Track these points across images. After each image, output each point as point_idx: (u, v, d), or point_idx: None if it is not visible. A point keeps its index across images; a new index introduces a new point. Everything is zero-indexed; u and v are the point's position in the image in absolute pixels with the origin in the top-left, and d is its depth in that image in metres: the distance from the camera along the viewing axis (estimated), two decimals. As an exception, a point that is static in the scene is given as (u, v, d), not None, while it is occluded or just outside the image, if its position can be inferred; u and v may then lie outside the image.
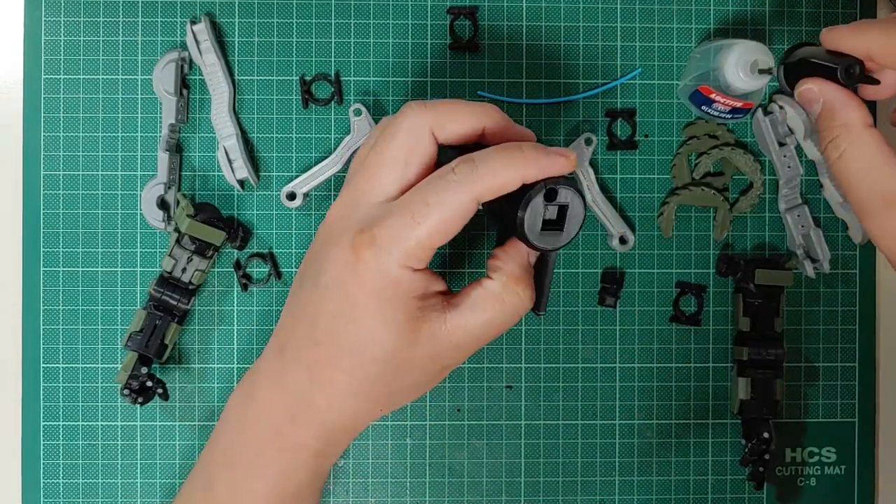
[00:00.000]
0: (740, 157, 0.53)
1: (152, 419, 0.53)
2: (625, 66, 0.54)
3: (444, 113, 0.39)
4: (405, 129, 0.38)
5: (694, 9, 0.54)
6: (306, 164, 0.53)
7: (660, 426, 0.54)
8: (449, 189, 0.36)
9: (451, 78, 0.54)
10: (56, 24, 0.53)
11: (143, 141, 0.53)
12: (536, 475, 0.54)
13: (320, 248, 0.40)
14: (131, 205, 0.53)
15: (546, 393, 0.54)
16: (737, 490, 0.55)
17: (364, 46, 0.54)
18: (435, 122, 0.38)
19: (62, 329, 0.53)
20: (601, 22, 0.54)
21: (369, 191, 0.39)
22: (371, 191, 0.39)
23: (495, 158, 0.37)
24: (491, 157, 0.37)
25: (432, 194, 0.36)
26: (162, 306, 0.51)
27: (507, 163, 0.36)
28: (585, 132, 0.53)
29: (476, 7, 0.54)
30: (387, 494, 0.54)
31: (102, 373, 0.53)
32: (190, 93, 0.53)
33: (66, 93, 0.53)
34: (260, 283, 0.53)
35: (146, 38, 0.53)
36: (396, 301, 0.37)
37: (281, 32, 0.54)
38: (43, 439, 0.53)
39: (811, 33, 0.55)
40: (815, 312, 0.55)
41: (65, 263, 0.53)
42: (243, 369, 0.53)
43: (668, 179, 0.54)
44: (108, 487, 0.53)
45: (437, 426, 0.54)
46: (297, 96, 0.54)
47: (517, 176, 0.37)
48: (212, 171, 0.53)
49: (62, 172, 0.53)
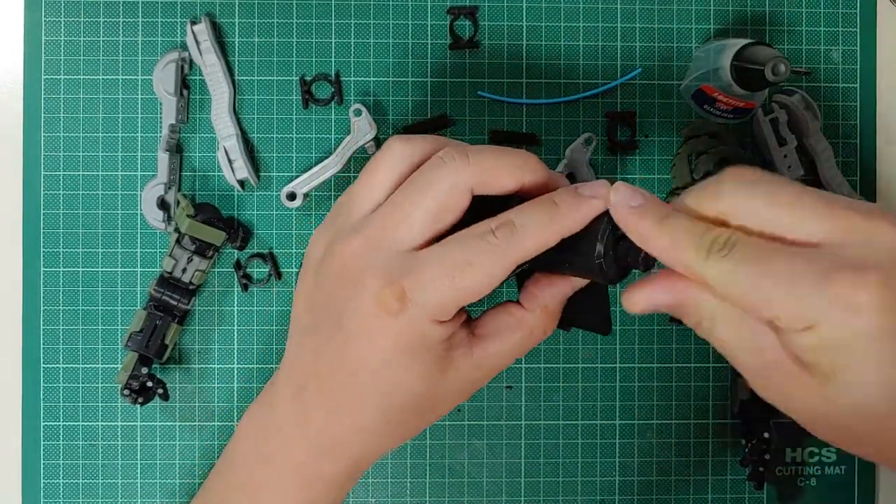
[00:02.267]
0: (740, 157, 0.53)
1: (152, 419, 0.53)
2: (625, 66, 0.54)
3: (487, 173, 0.36)
4: (443, 188, 0.36)
5: (694, 9, 0.54)
6: (306, 165, 0.53)
7: (660, 426, 0.54)
8: (491, 253, 0.34)
9: (451, 78, 0.54)
10: (56, 24, 0.53)
11: (143, 141, 0.53)
12: (537, 475, 0.54)
13: (335, 287, 0.38)
14: (131, 205, 0.53)
15: (546, 393, 0.54)
16: (737, 490, 0.55)
17: (364, 46, 0.54)
18: (476, 182, 0.36)
19: (62, 329, 0.53)
20: (601, 22, 0.54)
21: (396, 237, 0.36)
22: (397, 237, 0.36)
23: (535, 221, 0.35)
24: (530, 219, 0.35)
25: (473, 255, 0.35)
26: (162, 306, 0.51)
27: (547, 224, 0.35)
28: (585, 132, 0.53)
29: (476, 7, 0.54)
30: (387, 494, 0.54)
31: (102, 373, 0.53)
32: (190, 93, 0.53)
33: (66, 93, 0.53)
34: (260, 283, 0.53)
35: (146, 38, 0.53)
36: (423, 352, 0.36)
37: (281, 33, 0.54)
38: (43, 439, 0.53)
39: (811, 33, 0.55)
40: (815, 312, 0.55)
41: (65, 263, 0.53)
42: (243, 369, 0.53)
43: (668, 179, 0.54)
44: (108, 488, 0.53)
45: (437, 426, 0.54)
46: (298, 96, 0.54)
47: (556, 235, 0.35)
48: (212, 172, 0.53)
49: (62, 173, 0.53)
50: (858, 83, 0.55)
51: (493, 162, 0.36)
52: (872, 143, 0.55)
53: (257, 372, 0.54)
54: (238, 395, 0.54)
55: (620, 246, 0.35)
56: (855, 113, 0.55)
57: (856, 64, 0.55)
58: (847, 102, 0.55)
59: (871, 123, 0.55)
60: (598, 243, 0.35)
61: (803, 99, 0.53)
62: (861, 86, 0.55)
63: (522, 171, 0.37)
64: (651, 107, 0.54)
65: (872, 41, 0.55)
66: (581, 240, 0.35)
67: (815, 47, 0.55)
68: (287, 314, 0.53)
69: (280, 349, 0.54)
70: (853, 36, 0.55)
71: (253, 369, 0.54)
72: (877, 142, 0.55)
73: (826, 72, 0.55)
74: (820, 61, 0.55)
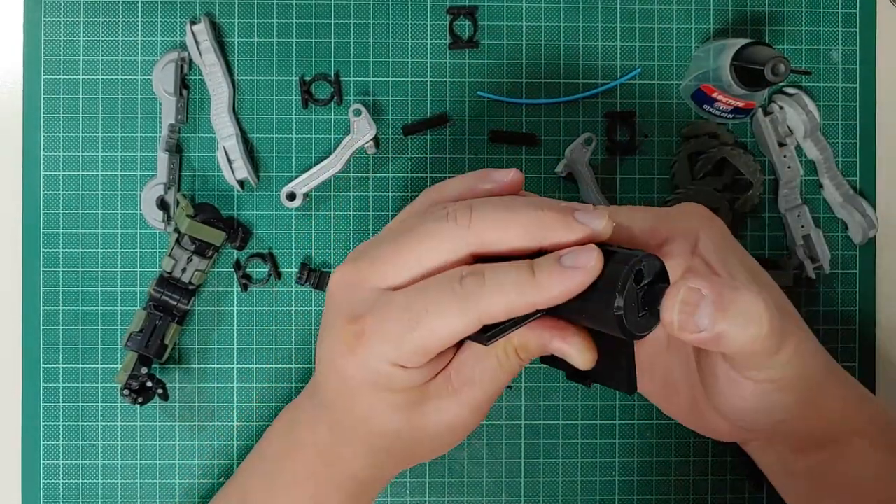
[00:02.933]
0: (740, 157, 0.53)
1: (152, 419, 0.53)
2: (624, 66, 0.54)
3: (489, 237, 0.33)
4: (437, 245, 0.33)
5: (694, 9, 0.54)
6: (306, 165, 0.53)
7: (660, 426, 0.54)
8: (451, 304, 0.32)
9: (451, 78, 0.54)
10: (56, 24, 0.53)
11: (142, 141, 0.53)
12: (536, 475, 0.54)
13: (326, 312, 0.37)
14: (131, 205, 0.53)
15: (546, 393, 0.54)
16: (737, 490, 0.55)
17: (364, 46, 0.54)
18: (477, 243, 0.33)
19: (62, 329, 0.53)
20: (601, 22, 0.54)
21: (375, 274, 0.34)
22: (378, 275, 0.34)
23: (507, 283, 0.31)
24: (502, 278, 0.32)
25: (432, 302, 0.32)
26: (162, 306, 0.51)
27: (518, 291, 0.31)
28: (585, 132, 0.53)
29: (476, 7, 0.54)
30: (387, 494, 0.54)
31: (102, 373, 0.53)
32: (190, 93, 0.53)
33: (65, 93, 0.53)
34: (260, 283, 0.53)
35: (146, 38, 0.53)
36: (393, 391, 0.35)
37: (281, 32, 0.54)
38: (43, 439, 0.53)
39: (811, 33, 0.55)
40: (815, 312, 0.55)
41: (65, 264, 0.53)
42: (242, 369, 0.53)
43: (668, 179, 0.54)
44: (108, 488, 0.53)
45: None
46: (297, 96, 0.54)
47: (527, 306, 0.31)
48: (212, 172, 0.53)
49: (62, 173, 0.53)
50: (858, 83, 0.55)
51: (502, 225, 0.33)
52: (872, 143, 0.55)
53: (257, 372, 0.54)
54: (237, 395, 0.54)
55: (648, 293, 0.31)
56: (855, 113, 0.55)
57: (856, 64, 0.55)
58: (847, 102, 0.55)
59: (871, 123, 0.55)
60: (617, 295, 0.30)
61: (803, 99, 0.53)
62: (861, 86, 0.55)
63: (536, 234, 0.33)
64: (650, 107, 0.54)
65: (872, 41, 0.55)
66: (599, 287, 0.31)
67: (815, 47, 0.55)
68: (286, 314, 0.54)
69: (280, 349, 0.54)
70: (853, 36, 0.55)
71: (252, 369, 0.54)
72: (877, 142, 0.55)
73: (826, 72, 0.55)
74: (820, 61, 0.55)
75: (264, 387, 0.54)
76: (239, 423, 0.54)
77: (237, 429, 0.54)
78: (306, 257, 0.54)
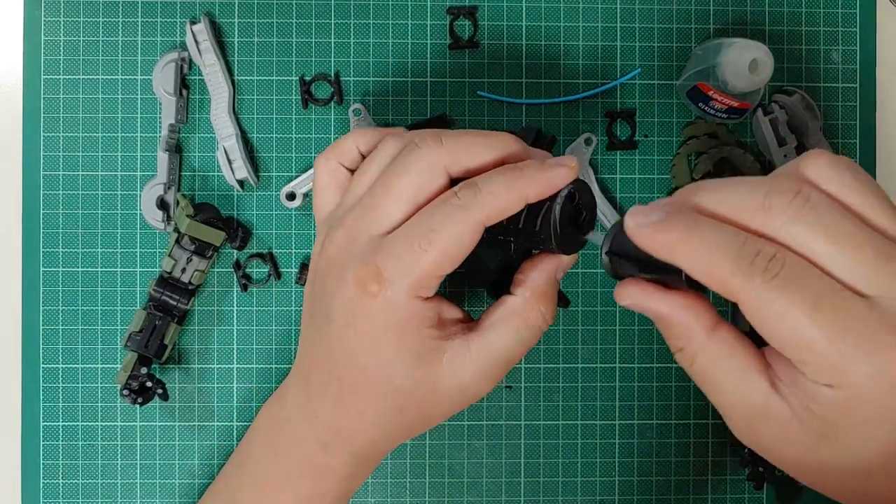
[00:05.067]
0: (740, 157, 0.53)
1: (152, 419, 0.53)
2: (624, 66, 0.54)
3: (461, 151, 0.37)
4: (418, 169, 0.36)
5: (694, 9, 0.54)
6: (306, 165, 0.53)
7: (660, 426, 0.54)
8: (453, 215, 0.35)
9: (451, 78, 0.54)
10: (56, 24, 0.53)
11: (142, 141, 0.53)
12: (536, 475, 0.54)
13: (323, 282, 0.38)
14: (131, 205, 0.53)
15: (546, 393, 0.54)
16: (737, 490, 0.55)
17: (364, 46, 0.54)
18: (451, 161, 0.36)
19: (62, 329, 0.53)
20: (601, 22, 0.54)
21: (372, 223, 0.37)
22: (374, 223, 0.37)
23: (497, 182, 0.35)
24: (493, 180, 0.35)
25: (437, 221, 0.35)
26: (162, 306, 0.51)
27: (509, 185, 0.35)
28: (585, 132, 0.53)
29: (476, 7, 0.54)
30: (387, 494, 0.54)
31: (102, 373, 0.53)
32: (189, 93, 0.53)
33: (65, 93, 0.53)
34: (260, 283, 0.53)
35: (146, 38, 0.53)
36: (411, 332, 0.36)
37: (281, 32, 0.54)
38: (42, 439, 0.53)
39: (811, 33, 0.55)
40: (815, 312, 0.55)
41: (65, 264, 0.53)
42: (242, 369, 0.53)
43: (668, 179, 0.54)
44: (108, 488, 0.53)
45: (436, 426, 0.54)
46: (297, 96, 0.54)
47: (520, 197, 0.35)
48: (211, 172, 0.53)
49: (62, 173, 0.53)
50: (858, 83, 0.55)
51: (467, 143, 0.37)
52: (872, 143, 0.55)
53: (257, 372, 0.54)
54: (237, 395, 0.54)
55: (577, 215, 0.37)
56: (855, 113, 0.55)
57: (856, 64, 0.55)
58: (847, 102, 0.55)
59: (871, 123, 0.55)
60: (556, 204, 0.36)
61: (803, 99, 0.53)
62: (861, 86, 0.55)
63: (496, 150, 0.37)
64: (651, 106, 0.54)
65: (872, 41, 0.55)
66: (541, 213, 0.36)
67: (815, 47, 0.55)
68: (286, 314, 0.54)
69: (279, 349, 0.54)
70: (853, 36, 0.55)
71: (252, 369, 0.54)
72: (877, 142, 0.55)
73: (826, 72, 0.55)
74: (820, 61, 0.55)
75: (264, 387, 0.53)
76: (239, 423, 0.54)
77: (237, 429, 0.54)
78: (306, 257, 0.54)
